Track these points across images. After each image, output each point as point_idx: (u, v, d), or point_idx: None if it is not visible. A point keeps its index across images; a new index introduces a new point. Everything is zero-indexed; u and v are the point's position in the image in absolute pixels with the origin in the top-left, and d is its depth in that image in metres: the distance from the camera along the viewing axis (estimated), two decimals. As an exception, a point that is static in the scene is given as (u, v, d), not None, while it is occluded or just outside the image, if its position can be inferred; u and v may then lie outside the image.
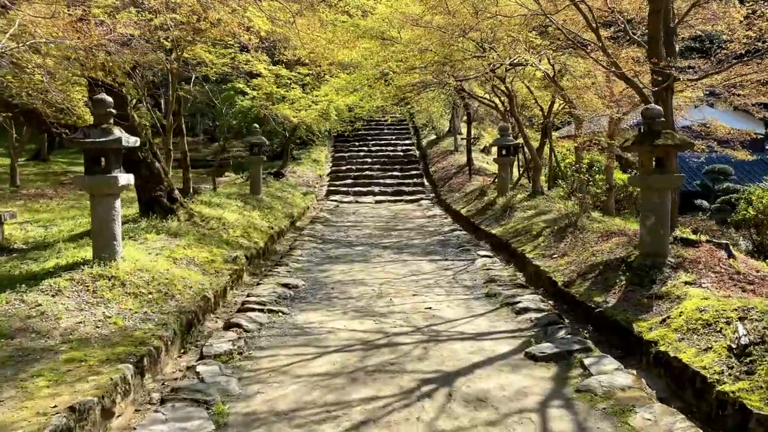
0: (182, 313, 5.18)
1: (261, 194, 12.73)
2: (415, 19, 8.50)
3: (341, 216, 13.53)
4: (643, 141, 5.55)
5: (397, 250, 9.04)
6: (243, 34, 7.06)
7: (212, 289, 6.07)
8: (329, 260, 8.29)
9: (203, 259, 6.95)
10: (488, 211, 11.86)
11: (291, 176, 17.73)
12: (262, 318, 5.38)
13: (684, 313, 4.50)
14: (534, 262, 7.35)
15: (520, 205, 11.19)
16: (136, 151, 7.92)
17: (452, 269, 7.62)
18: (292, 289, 6.49)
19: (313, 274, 7.37)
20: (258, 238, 8.88)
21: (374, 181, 18.35)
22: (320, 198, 16.96)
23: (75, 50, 6.38)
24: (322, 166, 20.05)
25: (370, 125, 25.13)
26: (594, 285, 5.93)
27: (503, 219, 10.69)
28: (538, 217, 9.80)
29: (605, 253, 6.77)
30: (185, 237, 7.49)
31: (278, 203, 12.71)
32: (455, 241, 9.80)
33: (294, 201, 14.06)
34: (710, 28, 9.25)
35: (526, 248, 8.11)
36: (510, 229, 9.67)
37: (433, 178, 18.61)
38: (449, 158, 19.79)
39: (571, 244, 7.64)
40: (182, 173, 10.65)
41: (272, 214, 11.35)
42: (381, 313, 5.58)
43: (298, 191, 15.61)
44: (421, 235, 10.68)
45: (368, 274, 7.40)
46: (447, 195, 16.12)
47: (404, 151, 21.30)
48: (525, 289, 6.37)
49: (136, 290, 5.26)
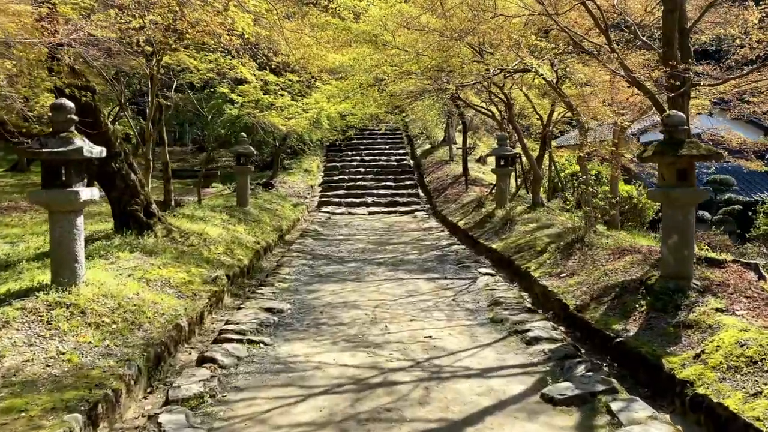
0: (150, 345, 4.57)
1: (248, 206, 12.13)
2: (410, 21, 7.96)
3: (333, 229, 12.94)
4: (664, 151, 5.02)
5: (392, 267, 8.45)
6: (224, 34, 6.49)
7: (187, 315, 5.45)
8: (319, 279, 7.69)
9: (180, 281, 6.34)
10: (487, 224, 11.30)
11: (281, 187, 17.14)
12: (241, 350, 4.77)
13: (722, 347, 3.94)
14: (541, 282, 6.79)
15: (521, 218, 10.65)
16: (110, 162, 7.32)
17: (452, 289, 7.04)
18: (276, 314, 5.88)
19: (301, 296, 6.76)
20: (242, 255, 8.27)
21: (367, 192, 17.78)
22: (311, 209, 16.36)
23: (39, 51, 5.81)
24: (313, 176, 19.47)
25: (363, 134, 24.60)
26: (611, 310, 5.37)
27: (503, 233, 10.13)
28: (540, 231, 9.26)
29: (619, 273, 6.22)
30: (162, 255, 6.87)
31: (266, 216, 12.10)
32: (454, 257, 9.22)
33: (283, 213, 13.45)
34: (722, 31, 8.76)
35: (531, 266, 7.55)
36: (511, 243, 9.11)
37: (428, 188, 18.07)
38: (444, 168, 19.27)
39: (580, 262, 7.08)
40: (163, 185, 10.04)
41: (259, 228, 10.74)
42: (375, 344, 4.99)
43: (288, 202, 15.01)
44: (417, 249, 10.11)
45: (361, 295, 6.80)
46: (443, 206, 15.57)
47: (398, 160, 20.77)
48: (534, 314, 5.79)
49: (98, 320, 4.64)
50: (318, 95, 11.58)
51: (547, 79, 8.66)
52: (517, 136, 11.97)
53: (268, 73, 10.00)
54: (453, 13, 8.33)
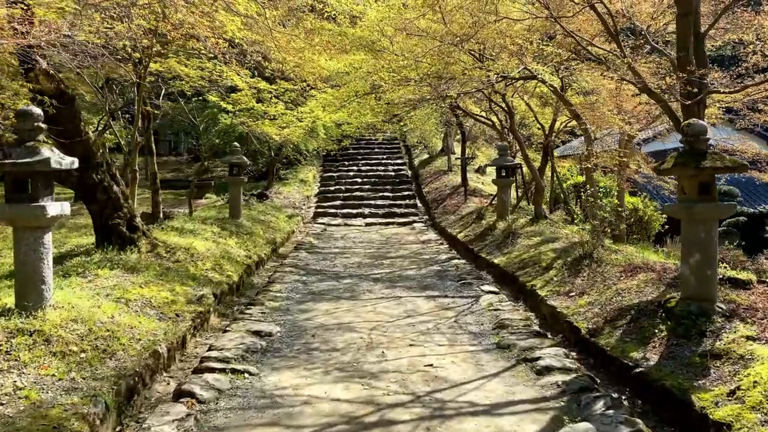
0: (122, 377, 4.12)
1: (241, 218, 11.70)
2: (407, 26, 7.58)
3: (328, 241, 12.51)
4: (686, 163, 4.61)
5: (389, 284, 8.02)
6: (211, 37, 6.10)
7: (167, 340, 5.01)
8: (312, 297, 7.25)
9: (162, 300, 5.90)
10: (488, 237, 10.89)
11: (276, 197, 16.72)
12: (223, 382, 4.33)
13: (760, 383, 3.52)
14: (548, 302, 6.36)
15: (523, 231, 10.24)
16: (90, 173, 6.91)
17: (453, 309, 6.60)
18: (264, 337, 5.43)
19: (292, 316, 6.32)
20: (232, 271, 7.83)
21: (364, 203, 17.37)
22: (307, 220, 15.94)
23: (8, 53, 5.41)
24: (309, 186, 19.05)
25: (360, 144, 24.25)
26: (627, 335, 4.94)
27: (506, 246, 9.71)
28: (545, 245, 8.85)
29: (633, 293, 5.80)
30: (144, 272, 6.44)
31: (260, 228, 11.67)
32: (454, 272, 8.80)
33: (278, 225, 13.02)
34: (733, 37, 8.41)
35: (537, 283, 7.12)
36: (515, 258, 8.69)
37: (427, 199, 17.67)
38: (443, 178, 18.89)
39: (589, 280, 6.67)
40: (152, 196, 9.61)
41: (252, 241, 10.30)
42: (371, 373, 4.55)
43: (283, 214, 14.58)
44: (415, 264, 9.68)
45: (356, 315, 6.36)
46: (441, 217, 15.16)
47: (396, 171, 20.38)
48: (543, 339, 5.35)
49: (65, 348, 4.20)
50: (313, 104, 11.19)
51: (552, 87, 8.27)
52: (519, 145, 11.60)
53: (259, 80, 9.61)
54: (453, 19, 7.97)
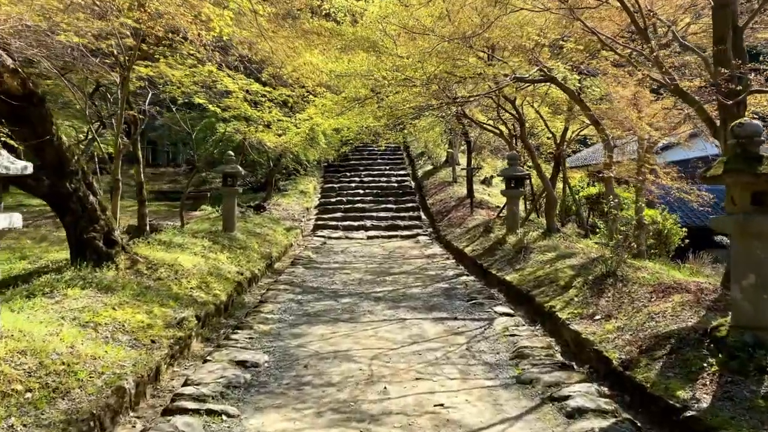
0: (74, 422, 3.45)
1: (235, 231, 11.06)
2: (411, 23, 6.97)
3: (328, 255, 11.85)
4: (740, 169, 3.95)
5: (392, 303, 7.33)
6: (192, 29, 5.49)
7: (137, 372, 4.33)
8: (307, 319, 6.57)
9: (137, 324, 5.23)
10: (497, 252, 10.21)
11: (275, 209, 16.09)
12: (195, 427, 3.64)
13: None
14: (571, 326, 5.67)
15: (536, 246, 9.57)
16: (64, 182, 6.28)
17: (465, 333, 5.91)
18: (249, 369, 4.76)
19: (283, 342, 5.63)
20: (220, 290, 7.16)
21: (366, 215, 16.73)
22: (306, 233, 15.29)
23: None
24: (310, 198, 18.44)
25: (362, 155, 23.69)
26: (669, 369, 4.25)
27: (518, 262, 9.04)
28: (561, 261, 8.17)
29: (668, 318, 5.12)
30: (120, 292, 5.79)
31: (255, 241, 11.02)
32: (463, 291, 8.11)
33: (274, 238, 12.37)
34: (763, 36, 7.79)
35: (556, 304, 6.44)
36: (529, 275, 8.01)
37: (431, 211, 17.02)
38: (447, 190, 18.25)
39: (615, 301, 5.98)
40: (138, 208, 8.98)
41: (245, 256, 9.64)
42: (371, 415, 3.86)
43: (281, 226, 13.94)
44: (420, 281, 9.00)
45: (356, 341, 5.68)
46: (447, 230, 14.50)
47: (399, 182, 19.76)
48: (569, 372, 4.67)
49: (6, 387, 3.53)
50: (312, 110, 10.59)
51: (569, 90, 7.64)
52: (530, 155, 10.96)
53: (252, 82, 9.01)
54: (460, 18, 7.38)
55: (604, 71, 9.86)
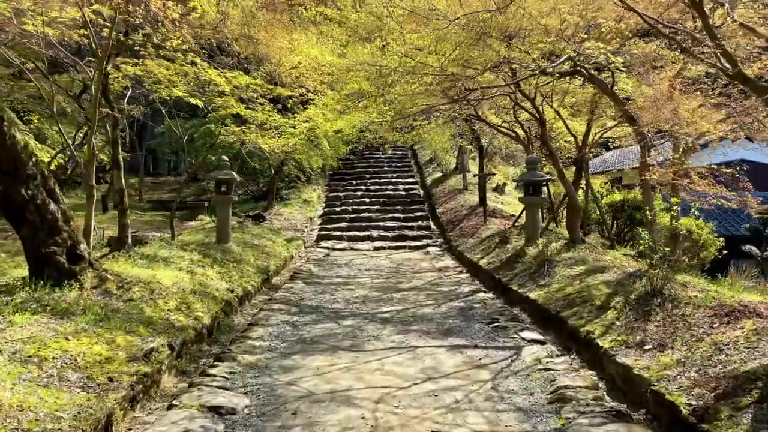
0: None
1: (230, 243, 10.16)
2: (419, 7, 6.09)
3: (331, 269, 10.92)
4: None
5: (401, 327, 6.38)
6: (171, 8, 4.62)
7: (76, 428, 3.41)
8: (302, 347, 5.62)
9: (93, 359, 4.33)
10: (517, 265, 9.25)
11: (276, 219, 15.21)
12: None
13: None
14: (618, 358, 4.70)
15: (560, 259, 8.60)
16: (18, 188, 5.40)
17: (489, 367, 4.95)
18: (224, 417, 3.82)
19: (271, 378, 4.70)
20: (203, 311, 6.24)
21: (373, 224, 15.81)
22: (309, 244, 14.38)
23: None
24: (313, 207, 17.54)
25: (368, 162, 22.84)
26: (763, 425, 3.28)
27: (541, 277, 8.08)
28: (592, 276, 7.21)
29: (742, 351, 4.16)
30: (79, 317, 4.89)
31: (251, 254, 10.11)
32: (482, 311, 7.15)
33: (273, 250, 11.46)
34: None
35: (594, 329, 5.47)
36: (556, 293, 7.05)
37: (441, 220, 16.07)
38: (458, 198, 17.30)
39: (667, 326, 5.02)
40: (118, 218, 8.10)
41: (238, 270, 8.74)
42: (375, 490, 2.92)
43: (281, 237, 13.03)
44: (432, 298, 8.04)
45: (358, 377, 4.73)
46: (458, 241, 13.54)
47: (407, 190, 18.84)
48: (629, 425, 3.70)
49: None
50: (312, 111, 9.71)
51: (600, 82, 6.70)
52: (552, 159, 10.01)
53: (240, 74, 8.13)
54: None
55: (631, 66, 8.96)
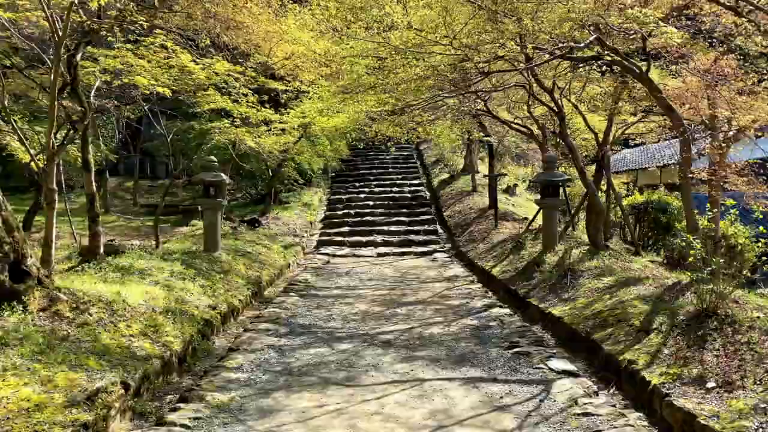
0: None
1: (219, 251, 9.29)
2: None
3: (330, 278, 10.02)
4: None
5: (405, 352, 5.47)
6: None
7: None
8: (286, 380, 4.72)
9: (18, 406, 3.46)
10: (535, 275, 8.34)
11: (274, 223, 14.34)
12: None
13: None
14: (674, 401, 3.77)
15: (584, 268, 7.69)
16: (-50, 192, 4.55)
17: (512, 409, 4.02)
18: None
19: (243, 427, 3.80)
20: (174, 334, 5.36)
21: (376, 229, 14.93)
22: (308, 251, 13.50)
23: None
24: (314, 210, 16.68)
25: (372, 163, 21.98)
26: None
27: (564, 290, 7.16)
28: (623, 289, 6.30)
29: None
30: (15, 349, 4.05)
31: (241, 263, 9.24)
32: (498, 330, 6.23)
33: (268, 258, 10.59)
34: None
35: (637, 358, 4.54)
36: (584, 309, 6.14)
37: (449, 224, 15.15)
38: (467, 200, 16.39)
39: (731, 357, 4.10)
40: (88, 226, 7.25)
41: (225, 282, 7.86)
42: None
43: (278, 244, 12.16)
44: (441, 314, 7.13)
45: (351, 423, 3.82)
46: (468, 246, 12.64)
47: (412, 192, 17.95)
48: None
49: None
50: (308, 104, 8.83)
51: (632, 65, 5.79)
52: (572, 155, 9.09)
53: (219, 60, 7.25)
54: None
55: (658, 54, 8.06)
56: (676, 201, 11.35)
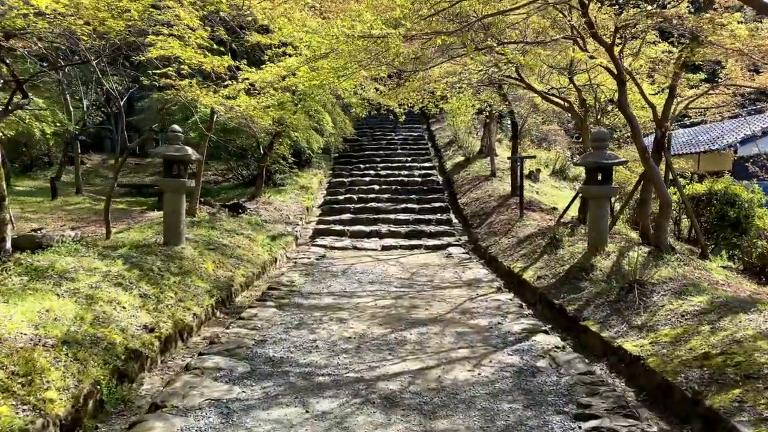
0: None
1: (182, 244, 7.43)
2: None
3: (322, 280, 8.14)
4: None
5: (418, 422, 3.57)
6: None
7: None
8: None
9: None
10: (583, 284, 6.42)
11: (264, 209, 12.46)
12: None
13: None
14: None
15: (655, 279, 5.78)
16: None
17: None
18: None
19: None
20: (61, 387, 3.49)
21: (381, 217, 13.03)
22: (302, 241, 11.64)
23: None
24: (312, 194, 14.77)
25: (379, 144, 20.04)
26: None
27: (632, 310, 5.24)
28: (728, 317, 4.38)
29: None
30: None
31: (210, 261, 7.37)
32: (554, 379, 4.29)
33: (249, 253, 8.72)
34: None
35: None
36: (673, 344, 4.22)
37: (465, 213, 13.21)
38: (485, 186, 14.42)
39: None
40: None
41: (180, 289, 5.99)
42: None
43: (264, 234, 10.27)
44: (466, 344, 5.22)
45: None
46: (488, 240, 10.72)
47: (423, 176, 16.00)
48: None
49: None
50: (293, 60, 6.87)
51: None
52: (633, 132, 7.10)
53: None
54: None
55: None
56: (746, 192, 9.35)
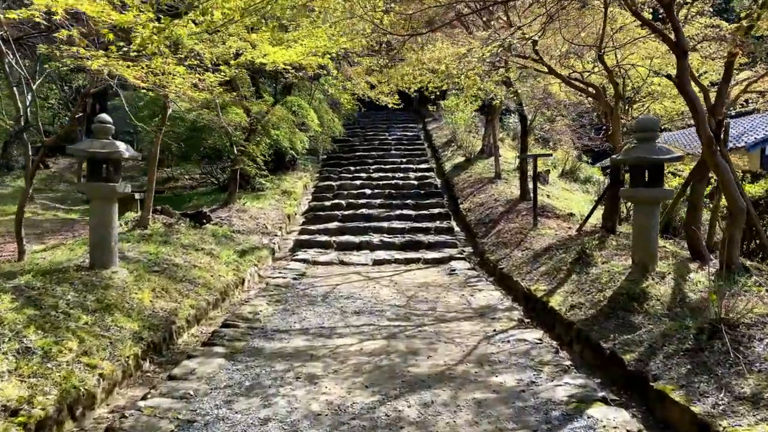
0: None
1: (113, 267, 5.76)
2: None
3: (295, 310, 6.46)
4: None
5: None
6: None
7: None
8: None
9: None
10: (636, 318, 4.80)
11: (238, 218, 10.79)
12: None
13: None
14: None
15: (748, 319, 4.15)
16: None
17: None
18: None
19: None
20: None
21: (373, 225, 11.40)
22: (280, 255, 9.98)
23: None
24: (296, 200, 13.10)
25: (372, 144, 18.45)
26: None
27: (724, 367, 3.62)
28: None
29: None
30: None
31: (149, 289, 5.69)
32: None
33: (209, 274, 7.04)
34: None
35: None
36: None
37: (468, 220, 11.57)
38: (489, 189, 12.80)
39: None
40: None
41: (91, 333, 4.31)
42: None
43: (231, 249, 8.59)
44: (490, 421, 3.56)
45: None
46: (497, 253, 9.08)
47: (419, 178, 14.39)
48: None
49: None
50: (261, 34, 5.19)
51: None
52: (695, 117, 5.48)
53: None
54: None
55: None
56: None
